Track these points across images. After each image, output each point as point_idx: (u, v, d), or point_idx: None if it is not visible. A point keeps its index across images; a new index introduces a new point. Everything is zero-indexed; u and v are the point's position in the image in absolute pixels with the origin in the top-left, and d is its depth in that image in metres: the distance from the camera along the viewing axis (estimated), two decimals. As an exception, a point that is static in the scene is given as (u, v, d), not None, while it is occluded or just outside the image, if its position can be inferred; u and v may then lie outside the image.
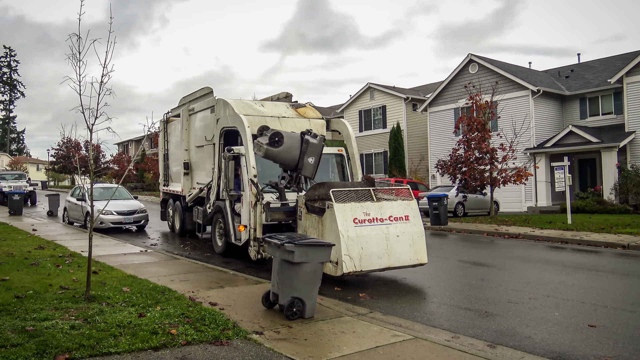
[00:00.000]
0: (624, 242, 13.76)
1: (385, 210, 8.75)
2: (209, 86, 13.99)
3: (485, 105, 21.66)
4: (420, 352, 5.34)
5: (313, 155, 9.69)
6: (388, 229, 8.64)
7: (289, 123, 11.75)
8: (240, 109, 11.54)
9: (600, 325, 6.55)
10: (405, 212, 8.94)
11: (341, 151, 12.18)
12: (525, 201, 26.31)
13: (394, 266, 8.70)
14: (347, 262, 8.09)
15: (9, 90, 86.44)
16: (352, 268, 8.15)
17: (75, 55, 6.72)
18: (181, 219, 15.53)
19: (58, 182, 79.94)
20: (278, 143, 9.48)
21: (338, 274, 8.15)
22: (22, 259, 10.36)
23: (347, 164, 12.03)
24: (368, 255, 8.32)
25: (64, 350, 4.79)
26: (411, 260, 8.87)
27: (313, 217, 8.85)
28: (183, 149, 14.91)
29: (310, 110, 12.64)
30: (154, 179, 48.32)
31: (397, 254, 8.65)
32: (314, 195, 9.32)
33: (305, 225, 9.10)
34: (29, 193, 32.19)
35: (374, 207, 8.67)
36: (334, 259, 8.09)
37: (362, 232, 8.35)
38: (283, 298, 6.48)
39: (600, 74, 27.86)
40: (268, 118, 11.57)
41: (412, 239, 8.87)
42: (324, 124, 12.40)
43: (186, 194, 14.78)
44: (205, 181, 13.16)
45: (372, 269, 8.47)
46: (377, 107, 35.86)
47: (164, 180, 17.16)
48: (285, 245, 6.34)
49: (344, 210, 8.34)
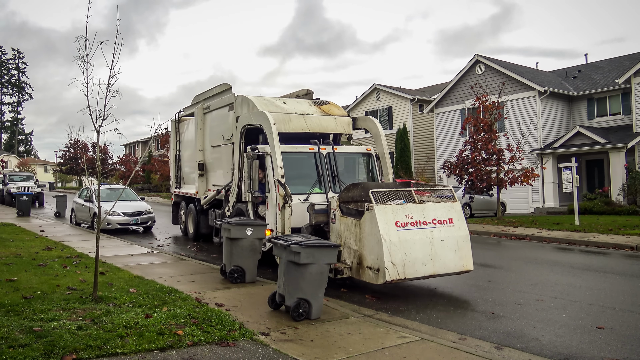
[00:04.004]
0: (632, 244, 13.66)
1: (428, 213, 8.09)
2: (227, 82, 13.34)
3: (492, 105, 21.56)
4: (426, 353, 5.32)
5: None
6: (432, 233, 7.99)
7: (314, 120, 11.18)
8: (263, 105, 11.00)
9: (608, 327, 6.50)
10: (449, 215, 8.29)
11: (369, 150, 11.43)
12: (533, 202, 26.18)
13: (439, 273, 8.07)
14: (389, 269, 7.45)
15: (17, 92, 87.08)
16: (395, 276, 7.51)
17: (82, 57, 6.76)
18: (195, 223, 14.94)
19: (65, 183, 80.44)
20: None
21: (380, 282, 7.57)
22: (29, 259, 10.43)
23: (375, 164, 11.34)
24: (412, 261, 7.67)
25: (71, 350, 4.82)
26: (456, 267, 8.19)
27: (349, 220, 8.26)
28: (197, 149, 14.29)
29: (334, 108, 12.08)
30: (161, 180, 48.51)
31: (442, 260, 7.99)
32: (348, 196, 8.87)
33: (339, 229, 8.49)
34: (36, 194, 32.42)
35: (416, 209, 8.02)
36: (374, 265, 7.59)
37: (405, 237, 7.70)
38: (289, 299, 6.48)
39: (608, 74, 27.68)
40: (292, 115, 10.97)
41: (457, 244, 8.19)
42: (350, 121, 11.82)
43: (201, 197, 14.18)
44: (222, 183, 12.69)
45: (416, 276, 7.85)
46: (384, 108, 35.82)
47: (175, 182, 16.66)
48: (291, 246, 6.35)
49: (386, 213, 7.72)
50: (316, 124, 11.14)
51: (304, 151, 10.41)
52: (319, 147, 10.44)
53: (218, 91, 13.65)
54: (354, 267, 8.06)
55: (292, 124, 10.82)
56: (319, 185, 10.19)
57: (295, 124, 10.82)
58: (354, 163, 11.35)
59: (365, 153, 11.41)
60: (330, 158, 10.47)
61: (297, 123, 10.78)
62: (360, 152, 11.41)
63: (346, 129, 11.62)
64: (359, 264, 7.95)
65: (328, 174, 10.31)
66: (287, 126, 10.68)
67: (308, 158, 10.43)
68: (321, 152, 10.42)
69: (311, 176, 10.29)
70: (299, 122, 10.84)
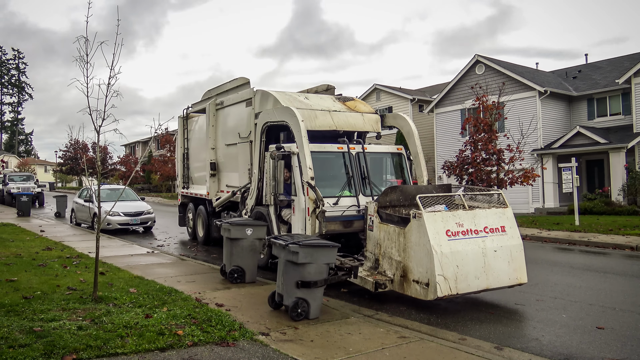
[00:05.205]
0: (632, 244, 13.65)
1: (479, 221, 7.35)
2: (244, 77, 12.45)
3: (492, 106, 21.54)
4: (427, 353, 5.32)
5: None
6: (484, 243, 7.25)
7: (341, 117, 10.47)
8: (286, 101, 10.24)
9: (608, 327, 6.50)
10: (500, 222, 7.57)
11: (400, 150, 10.68)
12: (533, 202, 26.17)
13: (493, 287, 7.33)
14: (441, 283, 6.72)
15: (18, 93, 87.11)
16: (447, 291, 6.77)
17: (82, 57, 6.77)
18: (206, 226, 14.05)
19: (65, 183, 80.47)
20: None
21: (430, 298, 6.83)
22: (30, 259, 10.43)
23: (406, 164, 10.64)
24: (464, 275, 6.94)
25: (71, 350, 4.82)
26: (510, 280, 7.46)
27: (391, 228, 7.48)
28: (209, 147, 13.33)
29: (360, 104, 11.33)
30: (161, 180, 48.55)
31: (495, 272, 7.25)
32: (386, 201, 8.15)
33: (378, 237, 7.70)
34: (36, 194, 32.44)
35: (466, 216, 7.29)
36: (423, 279, 6.89)
37: (456, 247, 6.97)
38: (287, 299, 6.49)
39: (608, 74, 27.67)
40: (318, 112, 10.25)
41: (510, 255, 7.48)
42: (379, 119, 11.07)
43: (213, 198, 13.26)
44: (237, 183, 11.92)
45: (469, 291, 7.11)
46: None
47: (183, 182, 15.75)
48: (289, 246, 6.36)
49: (435, 221, 6.97)
50: (343, 121, 10.45)
51: (333, 151, 9.76)
52: (349, 147, 9.78)
53: (233, 86, 12.83)
54: (397, 280, 7.33)
55: (318, 121, 10.13)
56: (348, 187, 9.50)
57: (321, 121, 10.15)
58: (382, 164, 10.67)
59: (396, 153, 10.70)
60: (360, 158, 9.80)
61: (323, 120, 10.12)
62: (391, 151, 10.72)
63: (375, 127, 10.93)
64: (403, 277, 7.24)
65: (358, 175, 9.63)
66: (313, 123, 9.96)
67: (336, 158, 9.78)
68: (350, 152, 9.75)
69: (339, 178, 9.63)
70: (326, 119, 10.18)
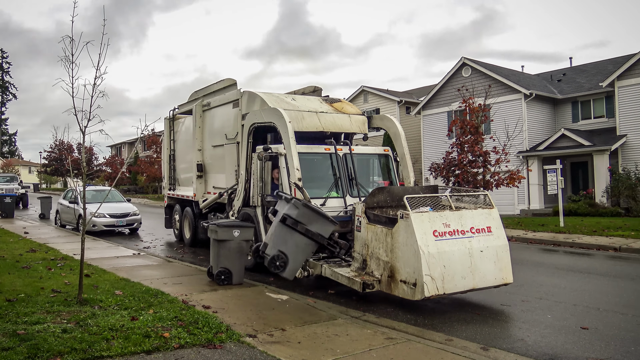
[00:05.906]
0: (616, 245, 13.84)
1: (465, 221, 7.45)
2: (231, 78, 12.47)
3: (478, 108, 21.73)
4: (413, 354, 5.35)
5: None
6: (471, 243, 7.35)
7: (328, 119, 10.56)
8: (273, 102, 10.35)
9: (592, 327, 6.58)
10: (487, 223, 7.68)
11: (387, 151, 10.81)
12: (518, 204, 26.41)
13: (479, 287, 7.45)
14: (428, 283, 6.77)
15: (1, 92, 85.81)
16: (434, 291, 6.85)
17: (67, 57, 6.70)
18: (192, 228, 14.00)
19: (50, 184, 79.47)
20: None
21: (417, 298, 6.87)
22: (13, 262, 10.28)
23: (393, 166, 10.72)
24: (451, 275, 7.03)
25: (55, 354, 4.76)
26: (496, 280, 7.58)
27: (378, 228, 7.51)
28: (196, 148, 13.38)
29: (347, 106, 11.45)
30: (147, 182, 48.14)
31: (482, 272, 7.36)
32: (374, 202, 8.19)
33: (366, 238, 7.70)
34: (20, 196, 32.03)
35: (453, 216, 7.36)
36: (410, 280, 6.92)
37: (443, 248, 7.04)
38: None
39: (592, 77, 28.04)
40: (305, 113, 10.32)
41: (496, 255, 7.59)
42: (365, 120, 11.18)
43: (199, 200, 13.28)
44: (224, 185, 11.91)
45: (456, 291, 7.21)
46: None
47: (169, 183, 15.76)
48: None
49: (422, 221, 7.02)
50: (330, 122, 10.54)
51: (320, 152, 9.85)
52: (336, 148, 9.85)
53: (220, 87, 12.83)
54: (384, 281, 7.34)
55: (306, 123, 10.22)
56: (335, 188, 9.60)
57: (308, 123, 10.22)
58: (369, 165, 10.78)
59: (383, 154, 10.83)
60: (347, 159, 9.89)
61: (310, 121, 10.18)
62: (378, 153, 10.86)
63: (362, 128, 11.02)
64: (391, 277, 7.25)
65: (345, 176, 9.73)
66: (300, 125, 10.06)
67: (324, 159, 9.89)
68: (338, 153, 9.84)
69: (326, 179, 9.73)
70: (313, 121, 10.25)
